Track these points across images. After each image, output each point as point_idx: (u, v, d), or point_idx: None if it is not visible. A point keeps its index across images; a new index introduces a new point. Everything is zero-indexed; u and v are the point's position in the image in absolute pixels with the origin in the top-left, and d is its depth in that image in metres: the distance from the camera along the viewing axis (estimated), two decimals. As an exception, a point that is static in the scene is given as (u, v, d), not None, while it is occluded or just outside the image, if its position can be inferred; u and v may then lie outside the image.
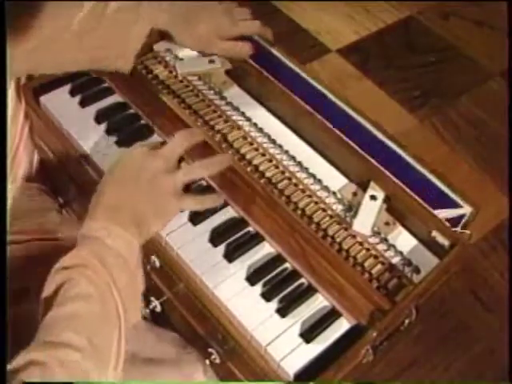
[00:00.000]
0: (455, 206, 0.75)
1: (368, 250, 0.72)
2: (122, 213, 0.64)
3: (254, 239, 0.73)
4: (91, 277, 0.58)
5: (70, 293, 0.57)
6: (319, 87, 0.87)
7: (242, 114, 0.84)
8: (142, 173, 0.67)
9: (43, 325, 0.55)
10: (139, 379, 0.75)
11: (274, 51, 0.92)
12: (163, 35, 0.88)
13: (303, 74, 0.89)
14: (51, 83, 0.86)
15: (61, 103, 0.85)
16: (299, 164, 0.79)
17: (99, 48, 0.78)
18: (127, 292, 0.61)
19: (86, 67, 0.83)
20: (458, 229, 0.73)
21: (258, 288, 0.69)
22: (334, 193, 0.77)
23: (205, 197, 0.72)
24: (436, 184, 0.77)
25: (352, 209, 0.75)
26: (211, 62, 0.89)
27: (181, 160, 0.72)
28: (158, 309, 0.78)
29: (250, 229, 0.74)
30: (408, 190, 0.76)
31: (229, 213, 0.75)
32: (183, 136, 0.72)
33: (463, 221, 0.74)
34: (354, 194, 0.77)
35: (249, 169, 0.78)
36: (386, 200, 0.75)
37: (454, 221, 0.74)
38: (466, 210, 0.74)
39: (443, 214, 0.74)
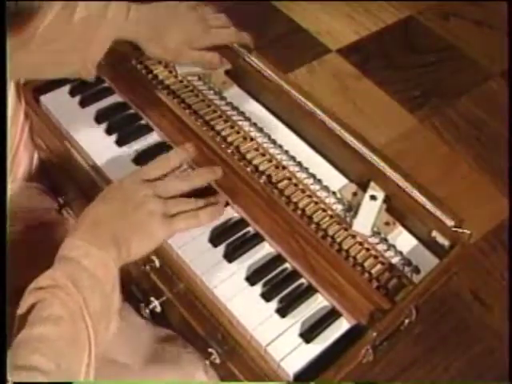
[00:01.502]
0: None
1: (368, 249, 0.72)
2: (102, 232, 0.64)
3: (254, 239, 0.73)
4: (63, 299, 0.58)
5: (41, 314, 0.57)
6: (300, 98, 0.84)
7: (242, 113, 0.84)
8: (131, 196, 0.67)
9: (14, 344, 0.55)
10: (139, 379, 0.75)
11: (254, 59, 0.88)
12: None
13: (285, 85, 0.85)
14: (51, 83, 0.86)
15: (61, 103, 0.85)
16: (299, 164, 0.79)
17: (62, 55, 0.77)
18: (100, 314, 0.60)
19: (51, 75, 0.81)
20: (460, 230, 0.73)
21: (258, 288, 0.69)
22: (334, 193, 0.77)
23: (198, 212, 0.70)
24: (418, 198, 0.75)
25: (352, 209, 0.75)
26: (211, 62, 0.89)
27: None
28: (158, 309, 0.78)
29: (250, 229, 0.74)
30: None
31: (229, 213, 0.75)
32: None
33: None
34: (354, 194, 0.77)
35: (249, 169, 0.78)
36: (386, 200, 0.75)
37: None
38: (450, 223, 0.73)
39: None
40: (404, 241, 0.74)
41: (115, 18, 0.77)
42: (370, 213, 0.74)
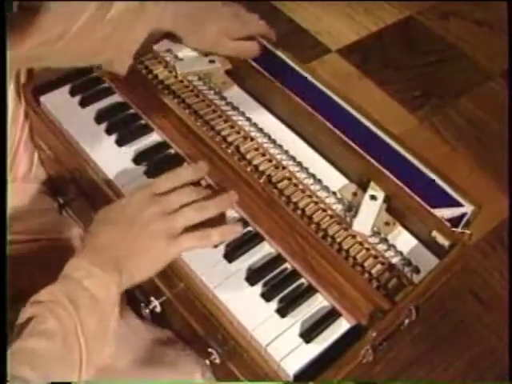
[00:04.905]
0: (457, 204, 0.75)
1: (368, 249, 0.72)
2: (106, 255, 0.63)
3: (254, 239, 0.73)
4: (60, 315, 0.58)
5: (36, 328, 0.57)
6: (323, 88, 0.88)
7: (242, 114, 0.84)
8: (136, 217, 0.66)
9: (8, 353, 0.55)
10: (138, 379, 0.75)
11: (278, 52, 0.92)
12: (166, 35, 0.88)
13: (307, 75, 0.89)
14: (51, 83, 0.86)
15: (61, 103, 0.85)
16: (299, 164, 0.79)
17: (97, 51, 0.77)
18: (96, 334, 0.60)
19: (82, 65, 0.85)
20: (459, 229, 0.73)
21: (258, 288, 0.69)
22: (334, 193, 0.77)
23: (210, 231, 0.68)
24: (438, 183, 0.77)
25: (352, 209, 0.75)
26: (211, 61, 0.89)
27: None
28: (158, 309, 0.78)
29: (250, 229, 0.74)
30: (409, 188, 0.75)
31: (229, 213, 0.75)
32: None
33: (465, 219, 0.74)
34: (354, 194, 0.77)
35: (249, 169, 0.78)
36: (386, 200, 0.75)
37: (456, 220, 0.74)
38: (468, 208, 0.74)
39: (444, 212, 0.74)
40: (404, 241, 0.74)
41: (153, 10, 0.79)
42: (369, 213, 0.74)
